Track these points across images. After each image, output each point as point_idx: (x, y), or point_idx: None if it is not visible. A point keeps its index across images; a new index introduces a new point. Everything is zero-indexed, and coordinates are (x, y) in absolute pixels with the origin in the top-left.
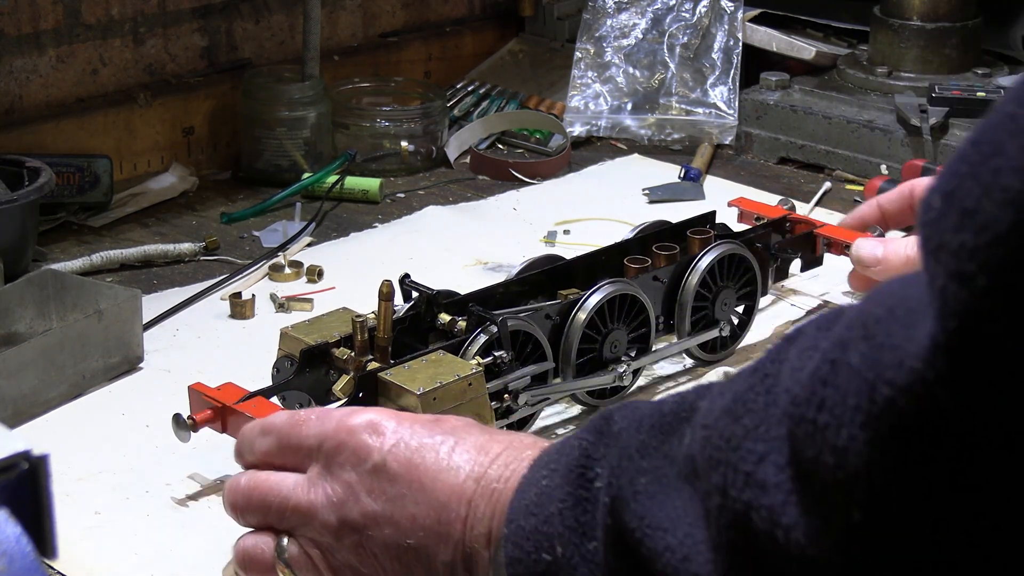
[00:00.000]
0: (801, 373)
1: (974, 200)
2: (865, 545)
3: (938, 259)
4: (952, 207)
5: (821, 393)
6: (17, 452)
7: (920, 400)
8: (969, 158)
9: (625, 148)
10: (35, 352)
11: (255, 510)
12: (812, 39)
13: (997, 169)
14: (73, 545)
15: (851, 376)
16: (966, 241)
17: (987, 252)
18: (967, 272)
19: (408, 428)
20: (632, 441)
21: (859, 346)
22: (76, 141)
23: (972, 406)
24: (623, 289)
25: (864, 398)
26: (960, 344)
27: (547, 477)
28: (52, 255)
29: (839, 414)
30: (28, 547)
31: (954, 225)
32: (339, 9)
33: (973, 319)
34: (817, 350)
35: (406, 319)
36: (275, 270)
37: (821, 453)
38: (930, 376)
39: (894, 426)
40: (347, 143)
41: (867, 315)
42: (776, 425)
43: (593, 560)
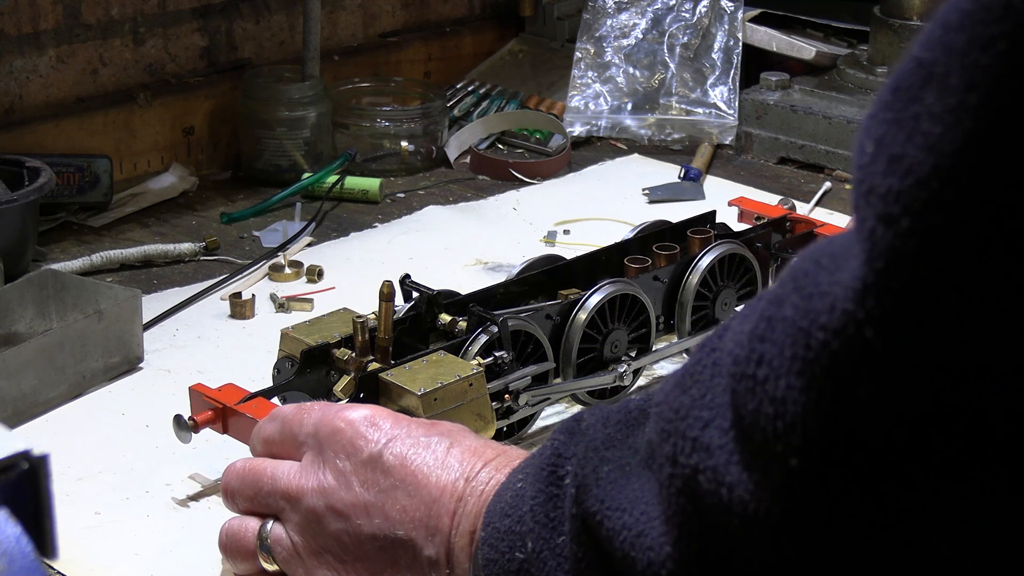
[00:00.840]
0: (741, 335)
1: (900, 145)
2: (802, 492)
3: (868, 202)
4: (882, 152)
5: (760, 349)
6: (17, 452)
7: (851, 340)
8: (893, 105)
9: (625, 148)
10: (35, 352)
11: (246, 493)
12: (812, 39)
13: (917, 115)
14: (73, 545)
15: (786, 328)
16: (893, 185)
17: (910, 195)
18: (893, 214)
19: (405, 427)
20: (598, 435)
21: (791, 299)
22: (76, 141)
23: (898, 344)
24: (623, 289)
25: (800, 346)
26: (886, 283)
27: (522, 480)
28: (52, 255)
29: (776, 366)
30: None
31: (883, 170)
32: (339, 9)
33: (897, 259)
34: (755, 312)
35: (407, 319)
36: (275, 270)
37: (761, 405)
38: (860, 315)
39: (828, 368)
40: (347, 143)
41: (797, 270)
42: (721, 392)
43: (561, 554)
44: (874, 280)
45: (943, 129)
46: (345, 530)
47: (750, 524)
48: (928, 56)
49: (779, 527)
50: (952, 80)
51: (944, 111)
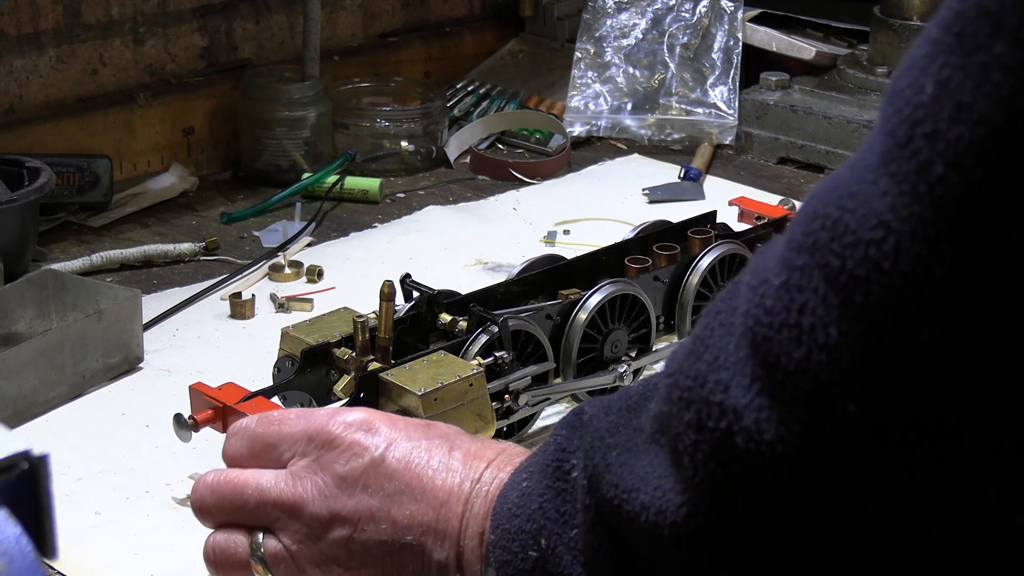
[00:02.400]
0: (765, 288)
1: (968, 94)
2: (859, 437)
3: (935, 146)
4: (947, 96)
5: (800, 299)
6: (17, 452)
7: (920, 283)
8: (957, 49)
9: (625, 148)
10: (35, 352)
11: (227, 507)
12: (812, 39)
13: (986, 65)
14: (73, 545)
15: (831, 275)
16: (963, 134)
17: (984, 146)
18: (966, 164)
19: (402, 430)
20: (602, 424)
21: (829, 246)
22: (76, 141)
23: (967, 286)
24: (624, 289)
25: (856, 292)
26: (958, 229)
27: (527, 479)
28: (52, 255)
29: (822, 314)
30: (28, 547)
31: (950, 115)
32: (339, 9)
33: (971, 207)
34: (775, 265)
35: (407, 319)
36: (275, 270)
37: (811, 353)
38: (931, 259)
39: (892, 311)
40: (347, 143)
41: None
42: (734, 351)
43: (576, 547)
44: (947, 225)
45: (1016, 83)
46: (351, 537)
47: (795, 478)
48: (995, 5)
49: (828, 476)
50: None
51: (1019, 64)
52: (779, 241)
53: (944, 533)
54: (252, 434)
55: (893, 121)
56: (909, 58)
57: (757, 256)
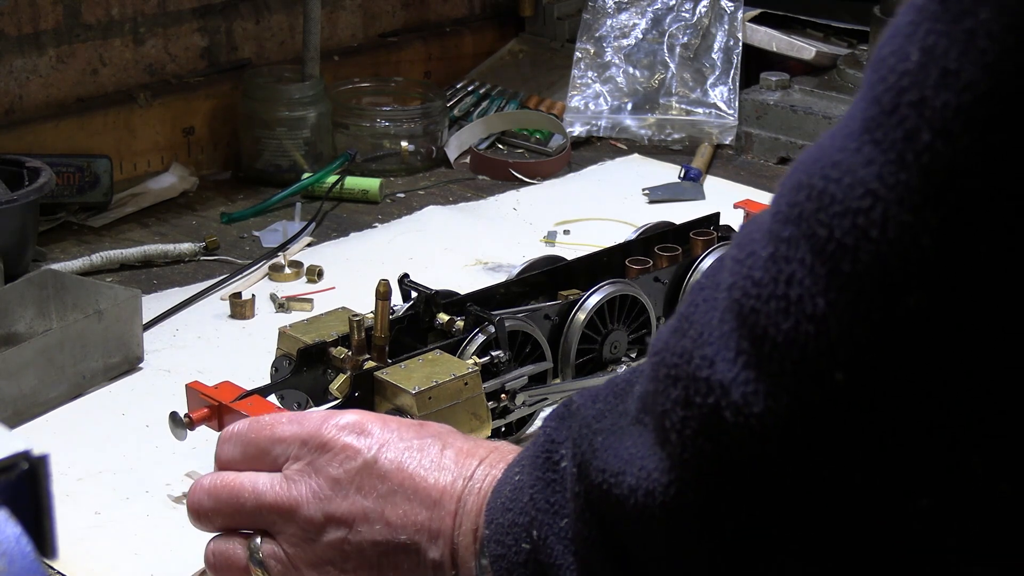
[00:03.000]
0: (755, 258)
1: (954, 60)
2: (847, 406)
3: (921, 113)
4: (933, 63)
5: (788, 270)
6: (17, 452)
7: (907, 250)
8: (941, 16)
9: (625, 148)
10: (35, 352)
11: (224, 511)
12: (812, 39)
13: (972, 31)
14: (73, 545)
15: (818, 245)
16: (950, 100)
17: (970, 112)
18: (952, 130)
19: (395, 431)
20: (590, 412)
21: (816, 216)
22: (76, 141)
23: (955, 252)
24: (623, 290)
25: (844, 260)
26: (944, 196)
27: (519, 472)
28: (52, 255)
29: (809, 284)
30: (28, 547)
31: (936, 82)
32: (339, 9)
33: (957, 173)
34: (761, 238)
35: (404, 319)
36: (275, 270)
37: (799, 324)
38: (918, 226)
39: (879, 279)
40: (347, 143)
41: (803, 186)
42: (718, 325)
43: (566, 536)
44: (934, 192)
45: (1002, 49)
46: (346, 538)
47: (784, 450)
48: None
49: (817, 447)
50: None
51: (1003, 30)
52: (765, 213)
53: (931, 502)
54: (245, 439)
55: (878, 88)
56: (894, 25)
57: (742, 229)
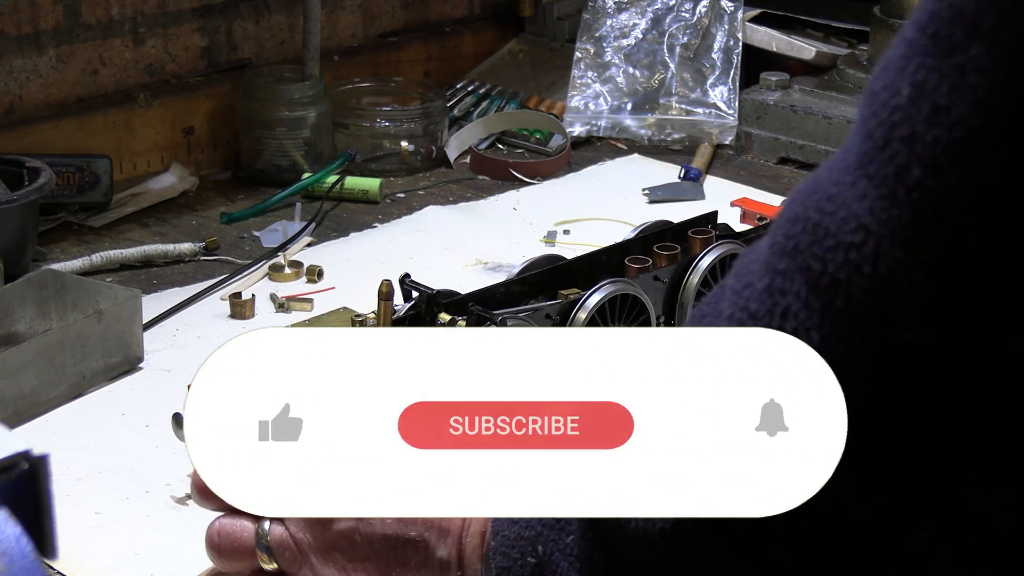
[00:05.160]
0: (751, 290)
1: (944, 96)
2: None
3: (912, 149)
4: (923, 99)
5: (783, 303)
6: (17, 452)
7: (900, 285)
8: (932, 51)
9: (625, 148)
10: (35, 352)
11: None
12: (812, 39)
13: (962, 67)
14: (73, 545)
15: (812, 279)
16: (941, 136)
17: (960, 149)
18: (943, 166)
19: None
20: None
21: (810, 250)
22: (76, 141)
23: (946, 288)
24: (623, 289)
25: (837, 295)
26: (936, 232)
27: None
28: (52, 255)
29: (804, 318)
30: (28, 547)
31: (927, 118)
32: (339, 9)
33: (947, 209)
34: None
35: (406, 319)
36: (275, 270)
37: None
38: (909, 262)
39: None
40: (347, 143)
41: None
42: None
43: (572, 553)
44: (925, 228)
45: (992, 84)
46: (356, 528)
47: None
48: (970, 6)
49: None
50: (1002, 36)
51: (993, 66)
52: (763, 243)
53: (929, 536)
54: None
55: (871, 123)
56: (886, 59)
57: (741, 258)
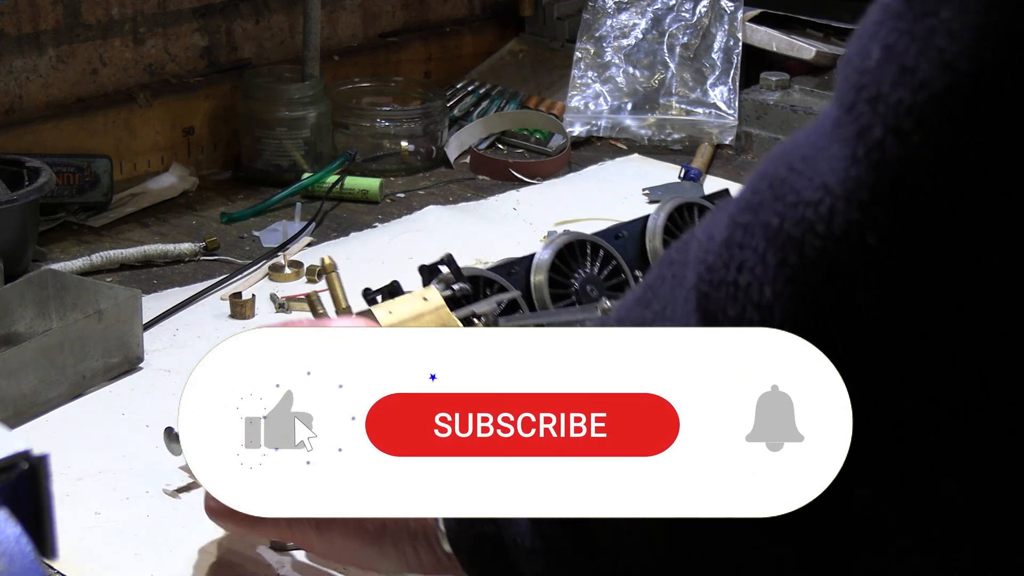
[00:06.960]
0: (712, 244)
1: (912, 58)
2: None
3: (875, 109)
4: (891, 60)
5: (739, 256)
6: (17, 452)
7: (854, 246)
8: (904, 14)
9: (625, 148)
10: (35, 352)
11: None
12: (812, 39)
13: (932, 29)
14: (73, 545)
15: (769, 234)
16: (904, 97)
17: (924, 110)
18: (904, 128)
19: None
20: None
21: (772, 206)
22: (76, 141)
23: (902, 250)
24: (576, 237)
25: (791, 253)
26: (893, 194)
27: None
28: (52, 255)
29: (760, 273)
30: (28, 547)
31: (893, 79)
32: (339, 9)
33: (907, 171)
34: (724, 221)
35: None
36: (275, 270)
37: (745, 311)
38: (865, 222)
39: (826, 274)
40: (347, 143)
41: (768, 176)
42: (683, 303)
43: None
44: (882, 190)
45: (960, 47)
46: None
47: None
48: None
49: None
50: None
51: (962, 29)
52: (733, 198)
53: (870, 492)
54: None
55: (843, 87)
56: (862, 25)
57: (712, 211)
